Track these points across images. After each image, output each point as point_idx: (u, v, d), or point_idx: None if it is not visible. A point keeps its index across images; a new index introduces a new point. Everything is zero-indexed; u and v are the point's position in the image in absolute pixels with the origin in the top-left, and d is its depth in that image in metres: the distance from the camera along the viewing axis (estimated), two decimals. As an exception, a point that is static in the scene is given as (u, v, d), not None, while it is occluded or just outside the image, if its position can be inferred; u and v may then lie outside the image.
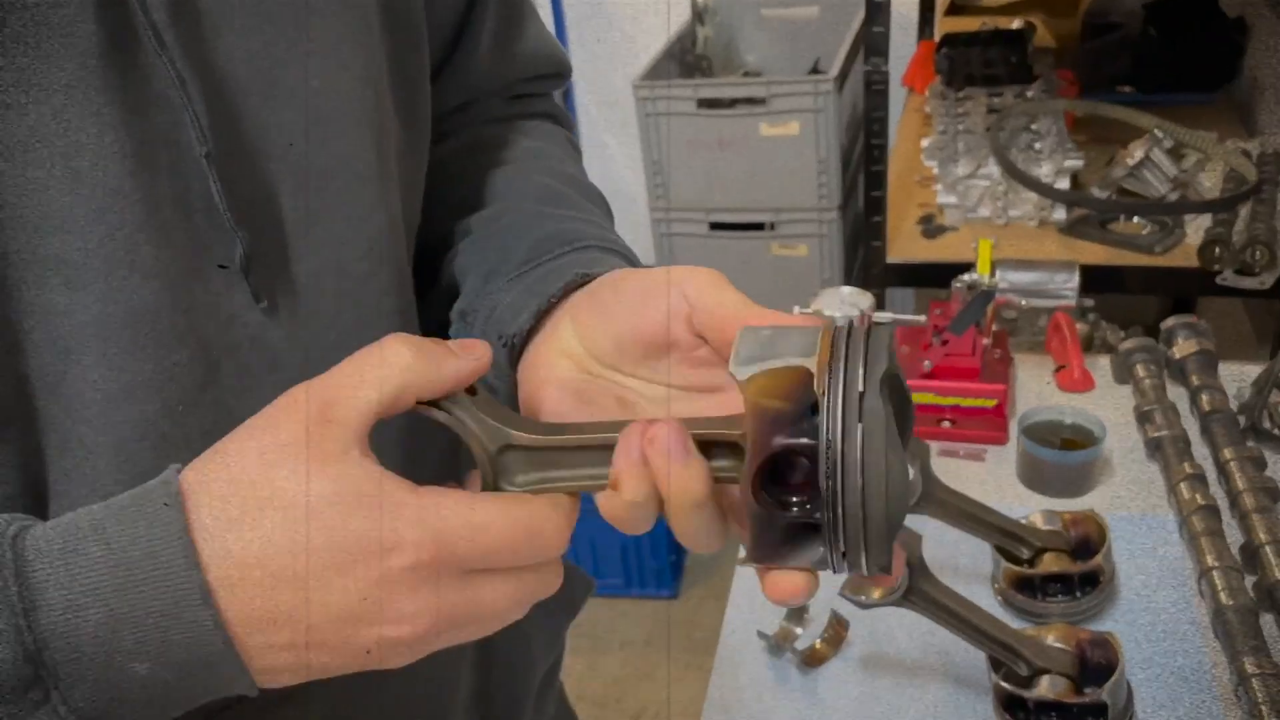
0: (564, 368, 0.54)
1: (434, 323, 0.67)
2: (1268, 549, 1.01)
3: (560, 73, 0.77)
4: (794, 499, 0.45)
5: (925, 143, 2.05)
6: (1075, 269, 1.23)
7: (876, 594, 0.93)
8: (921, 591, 0.92)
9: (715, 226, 2.38)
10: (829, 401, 0.42)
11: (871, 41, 1.80)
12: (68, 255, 0.47)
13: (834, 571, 0.45)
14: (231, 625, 0.41)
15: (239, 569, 0.41)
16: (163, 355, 0.50)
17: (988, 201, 1.98)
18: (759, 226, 2.40)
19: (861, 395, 0.42)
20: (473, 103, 0.74)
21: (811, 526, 0.44)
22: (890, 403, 0.43)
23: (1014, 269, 1.24)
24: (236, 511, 0.42)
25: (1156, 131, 1.93)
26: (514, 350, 0.57)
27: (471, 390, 0.48)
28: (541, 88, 0.77)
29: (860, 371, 0.43)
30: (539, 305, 0.56)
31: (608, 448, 0.46)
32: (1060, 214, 1.94)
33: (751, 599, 1.10)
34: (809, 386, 0.43)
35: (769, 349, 0.44)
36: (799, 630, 1.04)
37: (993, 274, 1.22)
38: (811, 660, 1.02)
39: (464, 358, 0.47)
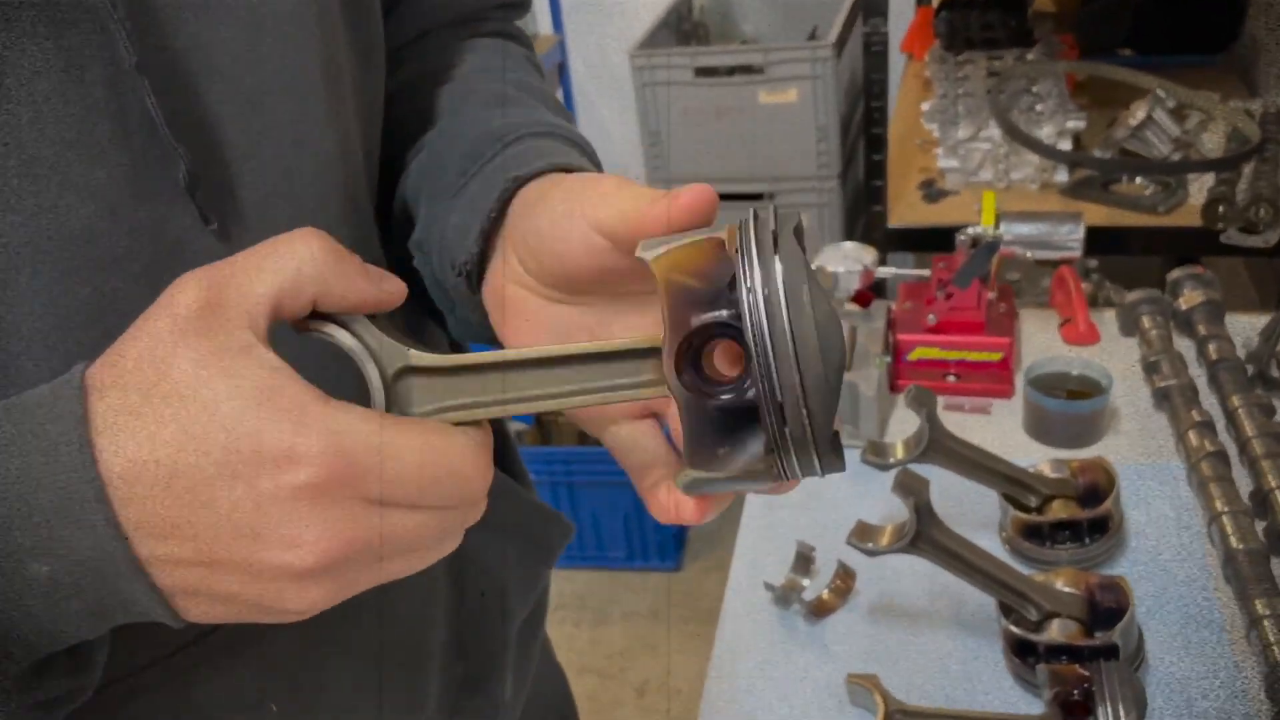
0: (532, 303, 0.52)
1: (398, 260, 0.64)
2: (1278, 493, 1.00)
3: (516, 3, 0.75)
4: (724, 385, 0.42)
5: (925, 106, 2.04)
6: (1080, 220, 1.22)
7: (884, 541, 0.92)
8: (930, 538, 0.91)
9: (714, 196, 2.36)
10: (744, 251, 0.40)
11: (871, 3, 1.79)
12: (2, 175, 0.45)
13: (779, 474, 0.41)
14: (127, 529, 0.39)
15: (135, 466, 0.38)
16: (101, 280, 0.48)
17: (989, 165, 1.97)
18: (758, 196, 2.39)
19: (775, 240, 0.40)
20: (427, 33, 0.71)
21: (749, 415, 0.41)
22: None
23: (1018, 221, 1.23)
24: (133, 400, 0.39)
25: (1159, 91, 1.92)
26: (471, 278, 0.55)
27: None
28: (496, 15, 0.74)
29: (771, 228, 0.40)
30: (480, 226, 0.54)
31: (514, 365, 0.44)
32: (1062, 176, 1.93)
33: (758, 550, 1.10)
34: (722, 257, 0.41)
35: (677, 237, 0.43)
36: (805, 581, 1.04)
37: (997, 226, 1.21)
38: (819, 610, 1.01)
39: (374, 283, 0.44)
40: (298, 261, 0.42)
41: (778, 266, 0.39)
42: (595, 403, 0.45)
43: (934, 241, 1.96)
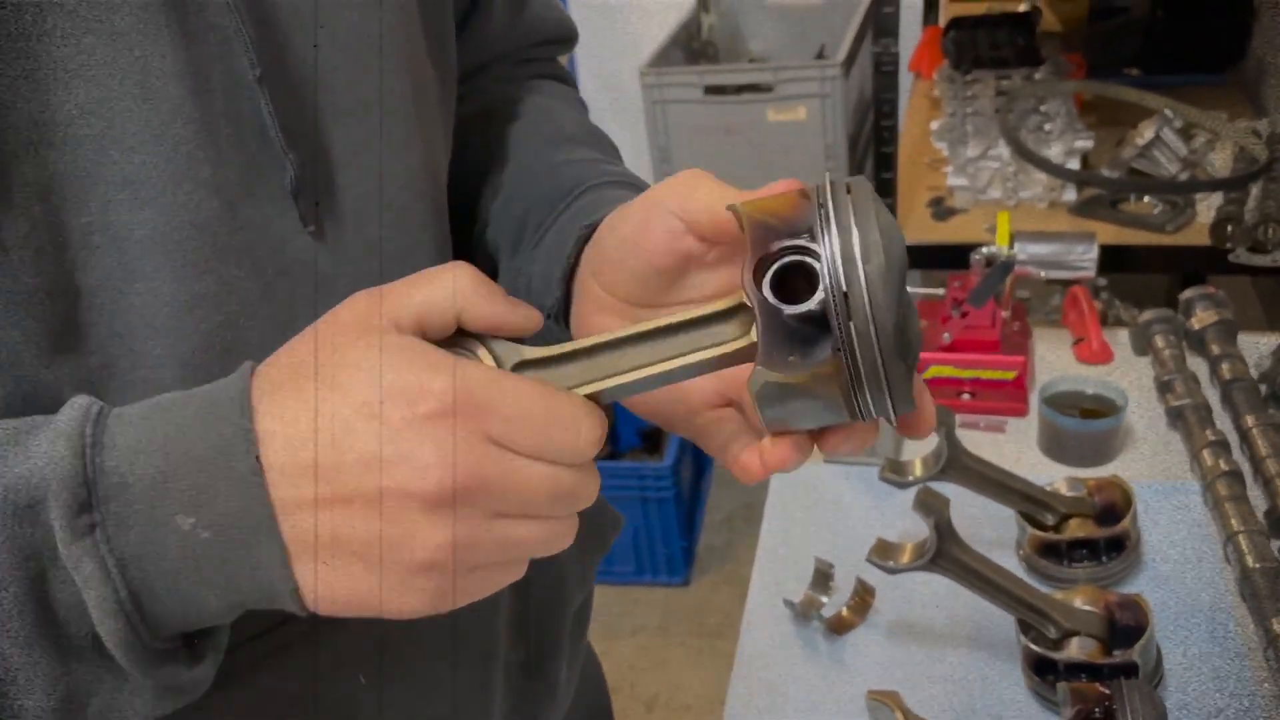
0: (612, 326, 0.55)
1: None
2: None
3: (567, 38, 0.81)
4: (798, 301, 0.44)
5: (934, 125, 2.05)
6: (1094, 240, 1.23)
7: (905, 559, 0.93)
8: (950, 555, 0.92)
9: (723, 213, 2.37)
10: (823, 189, 0.44)
11: (881, 22, 1.81)
12: (133, 172, 0.49)
13: (847, 382, 0.43)
14: (270, 474, 0.43)
15: (283, 422, 0.43)
16: (223, 270, 0.52)
17: (998, 183, 1.98)
18: (767, 213, 2.40)
19: (848, 187, 0.44)
20: (484, 68, 0.77)
21: (818, 332, 0.44)
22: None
23: (1032, 241, 1.24)
24: (288, 375, 0.45)
25: (1167, 111, 1.93)
26: (559, 319, 0.60)
27: None
28: (549, 53, 0.80)
29: (847, 180, 0.45)
30: (561, 272, 0.59)
31: (616, 344, 0.48)
32: (1070, 195, 1.95)
33: (776, 568, 1.10)
34: (803, 206, 0.45)
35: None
36: (824, 598, 1.04)
37: (1011, 246, 1.22)
38: (838, 627, 1.02)
39: (515, 308, 0.48)
40: (446, 287, 0.46)
41: (850, 198, 0.44)
42: (690, 367, 0.48)
43: (943, 259, 1.97)
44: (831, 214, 0.43)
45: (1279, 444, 1.09)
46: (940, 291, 1.28)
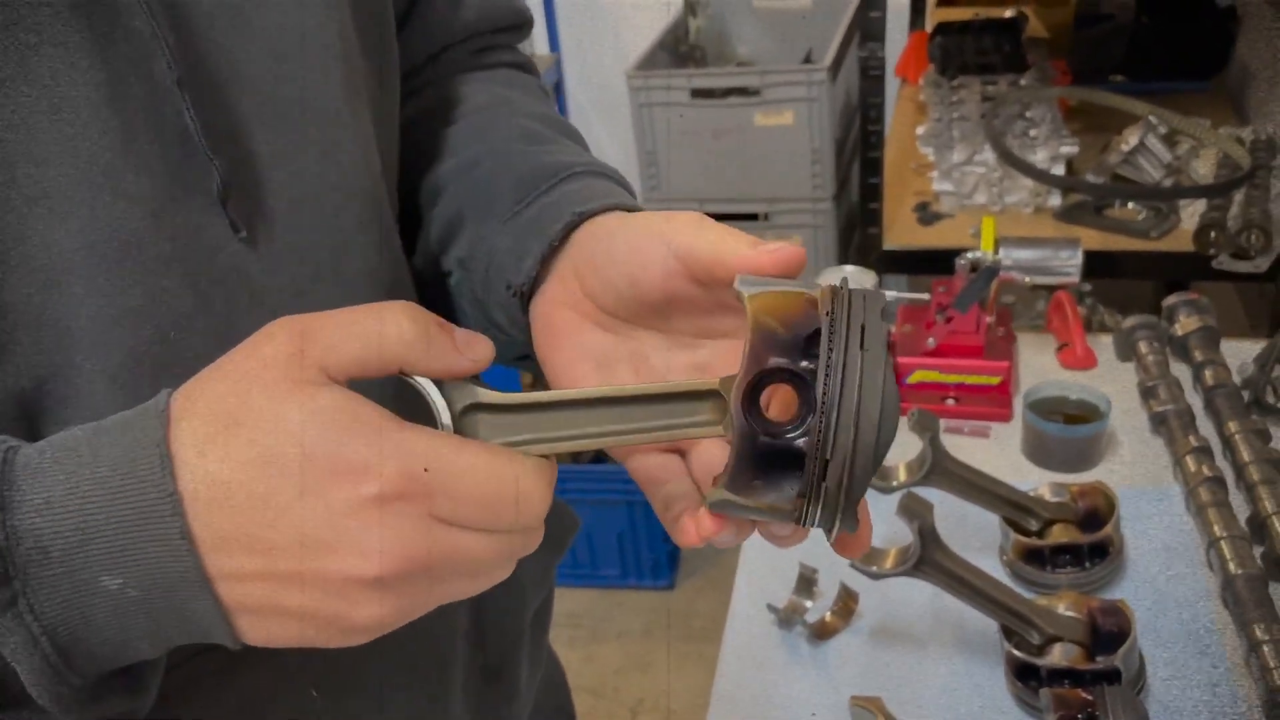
0: (577, 328, 0.55)
1: (426, 275, 0.67)
2: (1275, 519, 1.02)
3: (520, 24, 0.77)
4: (781, 427, 0.44)
5: (921, 130, 2.05)
6: (1078, 246, 1.23)
7: (889, 564, 0.93)
8: (934, 561, 0.92)
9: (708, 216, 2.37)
10: (836, 319, 0.43)
11: (868, 27, 1.81)
12: (50, 185, 0.47)
13: (800, 519, 0.44)
14: (200, 544, 0.41)
15: (210, 486, 0.41)
16: (151, 281, 0.50)
17: (983, 188, 1.99)
18: (753, 217, 2.40)
19: (863, 327, 0.43)
20: (437, 58, 0.74)
21: (789, 461, 0.44)
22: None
23: (1017, 246, 1.25)
24: (213, 429, 0.42)
25: (1151, 118, 1.94)
26: (524, 298, 0.57)
27: None
28: (503, 40, 0.77)
29: (863, 303, 0.43)
30: (541, 251, 0.56)
31: (578, 404, 0.47)
32: (1055, 200, 1.95)
33: (760, 572, 1.10)
34: (810, 313, 0.44)
35: (775, 281, 0.46)
36: (808, 603, 1.04)
37: (996, 251, 1.22)
38: (822, 632, 1.02)
39: (464, 355, 0.46)
40: (392, 340, 0.44)
41: (860, 354, 0.42)
42: (651, 440, 0.47)
43: (929, 264, 1.98)
44: (841, 355, 0.42)
45: (1261, 450, 1.09)
46: (925, 296, 1.28)
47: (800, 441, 0.43)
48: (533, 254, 0.57)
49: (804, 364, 0.44)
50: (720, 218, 0.53)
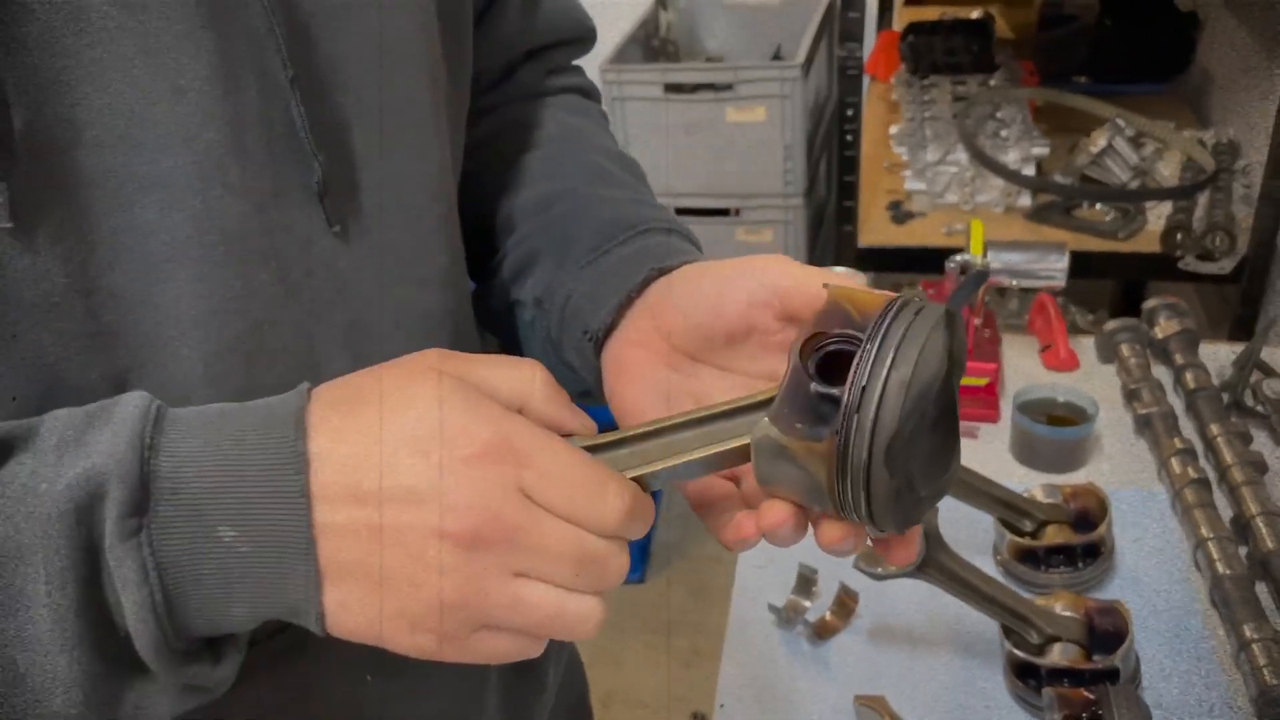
0: (648, 366, 0.58)
1: (495, 301, 0.70)
2: (1259, 520, 1.05)
3: (585, 38, 0.81)
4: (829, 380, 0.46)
5: (894, 129, 2.08)
6: (1065, 250, 1.26)
7: (893, 565, 0.95)
8: (938, 563, 0.94)
9: (680, 212, 2.38)
10: (897, 312, 0.45)
11: (847, 27, 1.82)
12: (162, 174, 0.49)
13: (835, 473, 0.44)
14: (314, 498, 0.44)
15: (333, 441, 0.44)
16: (249, 273, 0.52)
17: (955, 187, 2.01)
18: (724, 212, 2.41)
19: (917, 314, 0.45)
20: (506, 78, 0.77)
21: (831, 414, 0.45)
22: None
23: (1005, 250, 1.27)
24: (347, 399, 0.46)
25: (1119, 120, 1.98)
26: (597, 342, 0.61)
27: None
28: (568, 56, 0.80)
29: (929, 310, 0.45)
30: (618, 301, 0.60)
31: (667, 430, 0.49)
32: (1025, 200, 1.98)
33: (758, 574, 1.11)
34: (883, 310, 0.46)
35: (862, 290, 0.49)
36: (807, 603, 1.06)
37: (985, 254, 1.24)
38: (822, 632, 1.03)
39: (575, 416, 0.50)
40: (521, 379, 0.48)
41: (915, 324, 0.44)
42: (738, 450, 0.48)
43: (903, 262, 2.00)
44: (889, 321, 0.44)
45: (1243, 452, 1.12)
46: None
47: (839, 390, 0.45)
48: (610, 304, 0.60)
49: (858, 335, 0.46)
50: (691, 213, 0.58)
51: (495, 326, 0.72)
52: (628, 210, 0.66)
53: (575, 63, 0.82)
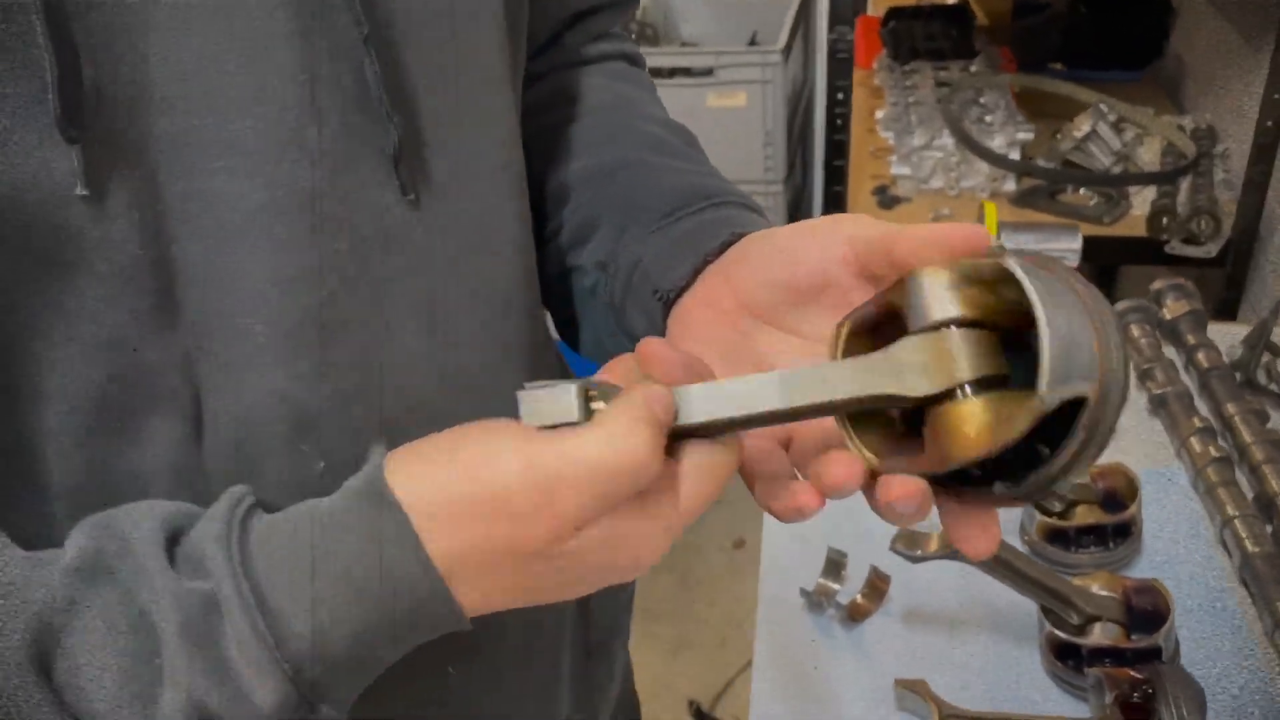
0: (711, 325, 0.56)
1: (550, 268, 0.68)
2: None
3: (627, 1, 0.79)
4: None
5: (880, 114, 2.07)
6: (1078, 232, 1.26)
7: (932, 547, 0.94)
8: (979, 543, 0.93)
9: (659, 197, 2.36)
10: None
11: (837, 10, 1.81)
12: (235, 138, 0.47)
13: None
14: (462, 601, 0.45)
15: (458, 562, 0.44)
16: (325, 243, 0.50)
17: (941, 172, 2.01)
18: (703, 198, 2.40)
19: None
20: (552, 44, 0.75)
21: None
22: None
23: (1019, 231, 1.27)
24: (444, 511, 0.44)
25: (1101, 106, 1.99)
26: (667, 303, 0.59)
27: None
28: (610, 19, 0.78)
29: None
30: (695, 262, 0.58)
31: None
32: (1011, 185, 1.99)
33: (785, 559, 1.10)
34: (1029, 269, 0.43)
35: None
36: (837, 586, 1.04)
37: (999, 236, 1.24)
38: (854, 614, 1.02)
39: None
40: (625, 479, 0.44)
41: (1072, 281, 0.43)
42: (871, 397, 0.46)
43: (888, 247, 2.00)
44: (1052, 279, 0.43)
45: (1261, 431, 1.13)
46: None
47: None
48: (685, 265, 0.58)
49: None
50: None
51: (545, 295, 0.70)
52: (699, 181, 0.65)
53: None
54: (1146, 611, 0.94)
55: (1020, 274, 0.41)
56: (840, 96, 1.86)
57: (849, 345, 0.49)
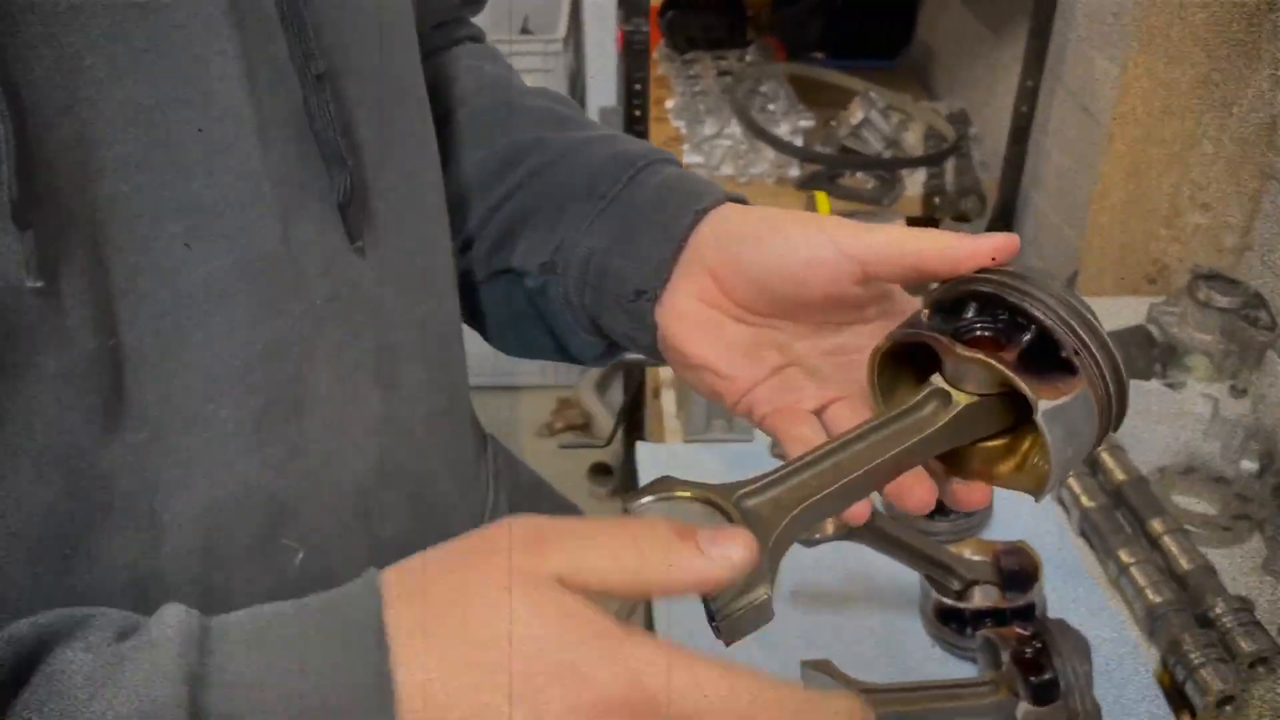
0: (722, 324, 0.55)
1: (472, 282, 0.64)
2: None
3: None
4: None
5: (670, 104, 2.11)
6: (902, 219, 1.33)
7: (830, 530, 0.97)
8: (872, 524, 0.97)
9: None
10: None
11: (630, 1, 1.82)
12: (190, 197, 0.41)
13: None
14: None
15: (425, 679, 0.36)
16: (289, 307, 0.45)
17: (730, 160, 2.07)
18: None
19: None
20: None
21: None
22: None
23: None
24: (431, 616, 0.37)
25: (871, 94, 2.12)
26: (648, 300, 0.56)
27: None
28: (470, 12, 0.74)
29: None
30: (670, 253, 0.55)
31: (827, 455, 0.48)
32: (795, 171, 2.08)
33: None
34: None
35: None
36: (726, 578, 1.06)
37: (831, 224, 1.29)
38: (750, 605, 1.05)
39: (737, 538, 0.41)
40: (655, 555, 0.39)
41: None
42: (900, 461, 0.48)
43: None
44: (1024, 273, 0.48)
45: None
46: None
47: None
48: (658, 256, 0.56)
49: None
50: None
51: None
52: (611, 149, 0.61)
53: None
54: (1015, 572, 1.02)
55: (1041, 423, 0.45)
56: (638, 87, 1.87)
57: (883, 369, 0.51)
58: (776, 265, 0.52)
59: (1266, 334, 1.33)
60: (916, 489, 0.51)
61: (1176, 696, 0.96)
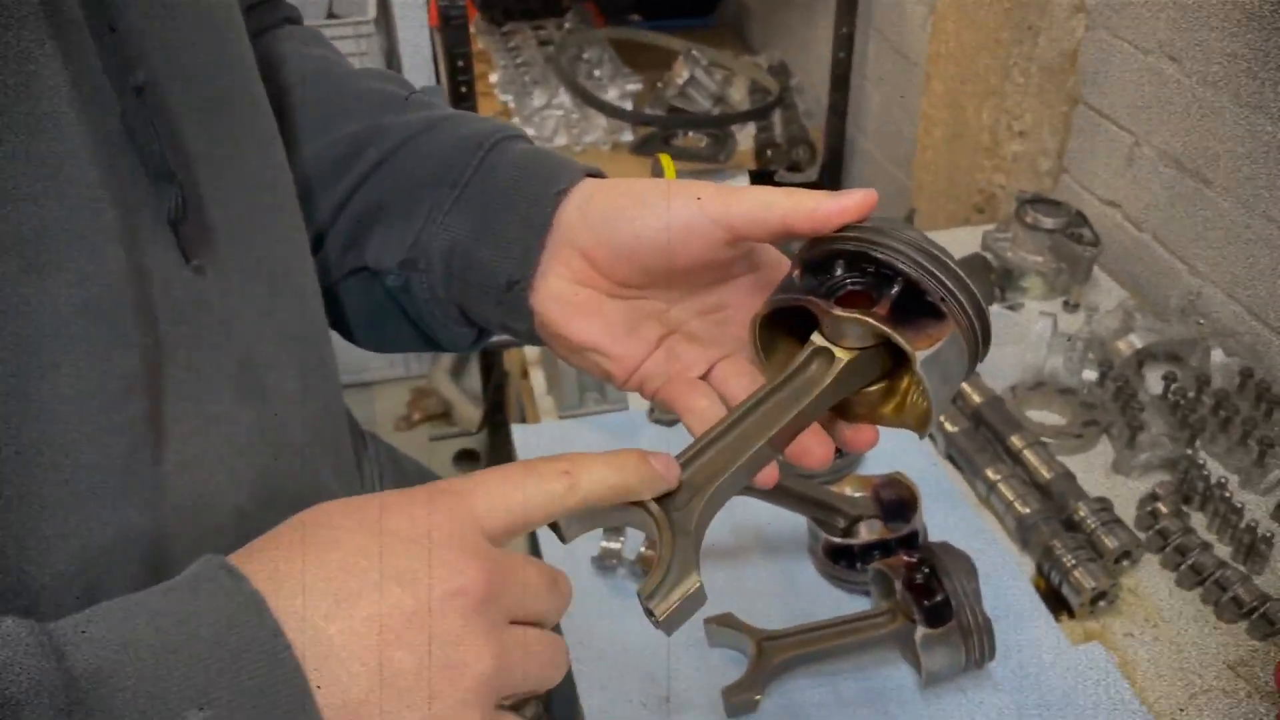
0: (600, 302, 0.56)
1: (337, 276, 0.62)
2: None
3: None
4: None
5: (494, 77, 2.08)
6: (745, 172, 1.35)
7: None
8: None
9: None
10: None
11: (447, -22, 1.79)
12: (26, 228, 0.38)
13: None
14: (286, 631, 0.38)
15: (278, 578, 0.39)
16: (142, 339, 0.42)
17: (563, 130, 2.06)
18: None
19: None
20: None
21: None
22: None
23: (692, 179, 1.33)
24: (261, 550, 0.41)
25: (694, 52, 2.13)
26: (520, 289, 0.56)
27: None
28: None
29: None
30: (536, 240, 0.56)
31: (735, 424, 0.51)
32: (628, 136, 2.08)
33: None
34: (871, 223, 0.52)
35: None
36: (618, 545, 1.07)
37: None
38: (645, 566, 1.05)
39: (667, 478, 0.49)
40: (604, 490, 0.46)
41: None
42: (800, 422, 0.51)
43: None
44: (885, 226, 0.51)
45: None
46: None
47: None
48: (526, 245, 0.56)
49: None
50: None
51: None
52: (456, 129, 0.60)
53: None
54: (895, 502, 1.05)
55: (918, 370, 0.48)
56: (461, 64, 1.84)
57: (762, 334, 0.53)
58: (650, 238, 0.52)
59: (1091, 249, 1.40)
60: (816, 448, 0.52)
61: (1053, 599, 1.02)
